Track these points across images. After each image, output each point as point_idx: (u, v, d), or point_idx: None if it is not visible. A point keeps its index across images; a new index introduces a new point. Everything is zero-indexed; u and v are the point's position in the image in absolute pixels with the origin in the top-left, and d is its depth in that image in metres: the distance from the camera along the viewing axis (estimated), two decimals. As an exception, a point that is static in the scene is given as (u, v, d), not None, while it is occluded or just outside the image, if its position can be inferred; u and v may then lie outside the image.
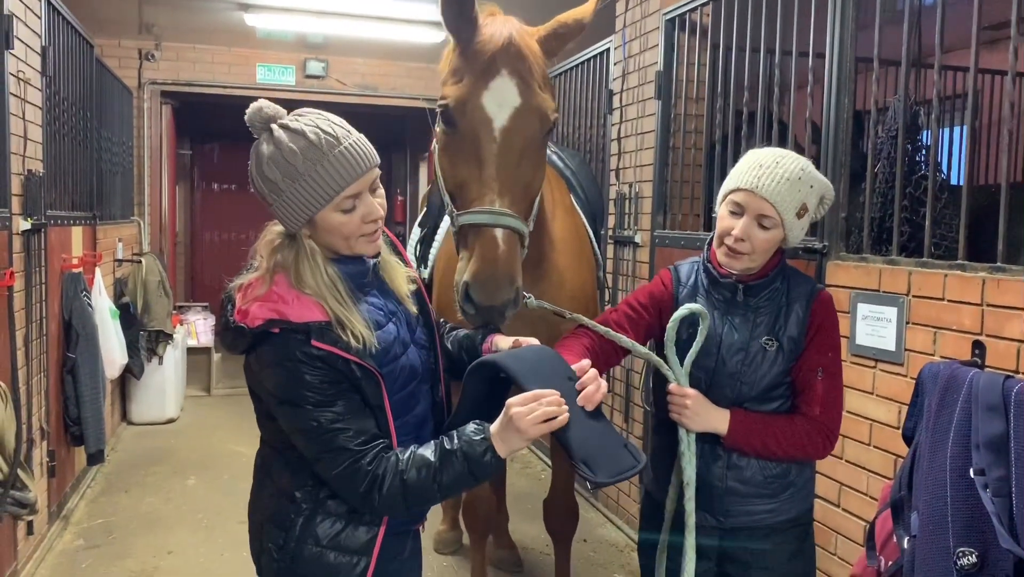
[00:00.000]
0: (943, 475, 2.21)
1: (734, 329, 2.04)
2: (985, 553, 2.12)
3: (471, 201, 2.09)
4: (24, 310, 3.92)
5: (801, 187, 1.94)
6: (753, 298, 2.05)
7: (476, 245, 2.03)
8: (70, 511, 4.72)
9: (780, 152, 2.02)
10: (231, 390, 7.74)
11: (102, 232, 5.72)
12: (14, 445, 3.18)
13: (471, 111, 2.10)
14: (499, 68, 2.10)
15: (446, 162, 2.20)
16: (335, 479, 1.65)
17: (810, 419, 2.03)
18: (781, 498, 2.10)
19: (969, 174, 2.70)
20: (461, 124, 2.12)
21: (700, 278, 2.14)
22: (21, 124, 3.90)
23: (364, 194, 1.66)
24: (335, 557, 1.71)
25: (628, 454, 1.70)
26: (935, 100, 2.77)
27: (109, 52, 7.21)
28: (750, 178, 1.95)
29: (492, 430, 1.62)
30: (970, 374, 2.22)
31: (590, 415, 1.70)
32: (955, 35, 2.91)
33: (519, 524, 4.55)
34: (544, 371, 1.70)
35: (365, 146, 1.65)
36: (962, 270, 2.51)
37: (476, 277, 1.99)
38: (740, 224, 1.96)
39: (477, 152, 2.10)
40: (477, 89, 2.10)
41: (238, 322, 1.62)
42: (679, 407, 2.00)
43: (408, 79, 8.30)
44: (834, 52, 3.08)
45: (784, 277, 2.08)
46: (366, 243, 1.70)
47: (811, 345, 2.03)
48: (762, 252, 1.99)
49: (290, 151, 1.59)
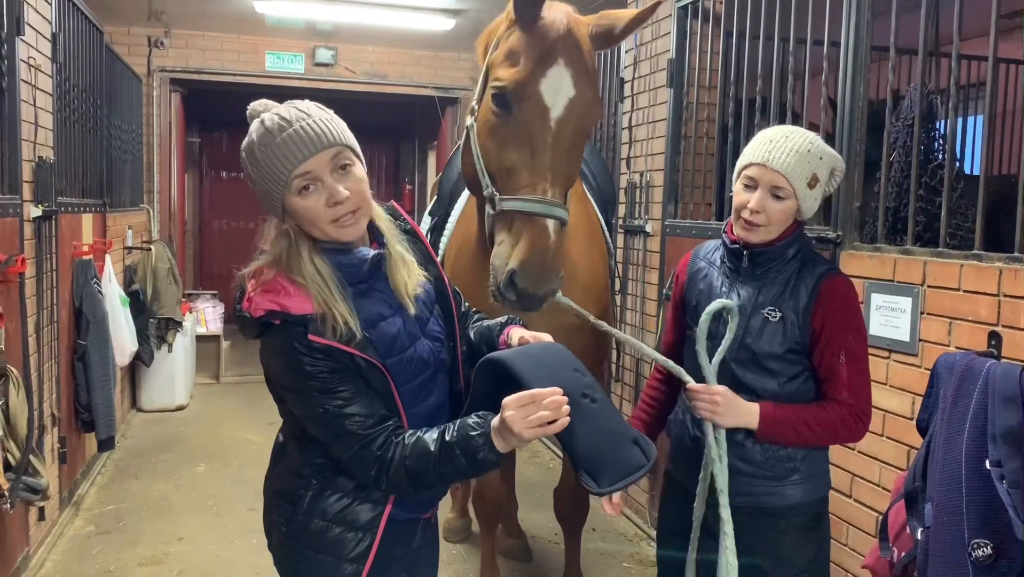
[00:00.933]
0: (958, 466, 2.20)
1: (739, 297, 2.09)
2: (1000, 545, 2.11)
3: (520, 187, 2.09)
4: (35, 297, 3.93)
5: (810, 159, 2.01)
6: (760, 268, 2.08)
7: (525, 232, 2.04)
8: (81, 497, 4.74)
9: (789, 128, 2.10)
10: (240, 378, 7.76)
11: (112, 219, 5.73)
12: (26, 431, 3.19)
13: (529, 97, 2.10)
14: (557, 56, 2.11)
15: (493, 144, 2.18)
16: (347, 462, 1.67)
17: (840, 404, 2.04)
18: (785, 482, 2.09)
19: (986, 163, 2.67)
20: (517, 109, 2.11)
21: (718, 252, 2.20)
22: (32, 111, 3.90)
23: (323, 175, 1.61)
24: (340, 532, 1.72)
25: (638, 451, 1.64)
26: (952, 89, 2.74)
27: (118, 39, 7.21)
28: (762, 152, 2.03)
29: (493, 425, 1.59)
30: (986, 365, 2.21)
31: (596, 410, 1.63)
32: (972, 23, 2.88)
33: (528, 513, 4.56)
34: (549, 367, 1.64)
35: (320, 126, 1.60)
36: (978, 260, 2.49)
37: (525, 265, 2.01)
38: (755, 197, 2.03)
39: (531, 139, 2.10)
40: (535, 76, 2.09)
41: (244, 310, 1.64)
42: (710, 404, 2.00)
43: (417, 67, 8.28)
44: (849, 40, 3.05)
45: (799, 254, 2.10)
46: (339, 229, 1.64)
47: (825, 329, 2.03)
48: (778, 223, 2.04)
49: (251, 141, 1.62)
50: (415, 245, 1.87)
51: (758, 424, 2.02)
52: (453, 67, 8.34)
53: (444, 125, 8.68)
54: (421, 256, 1.87)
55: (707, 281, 2.17)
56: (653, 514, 4.51)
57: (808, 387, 2.11)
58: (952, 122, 2.80)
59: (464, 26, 7.04)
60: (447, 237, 3.36)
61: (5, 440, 3.05)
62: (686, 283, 2.23)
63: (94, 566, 3.95)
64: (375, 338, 1.67)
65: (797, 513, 2.12)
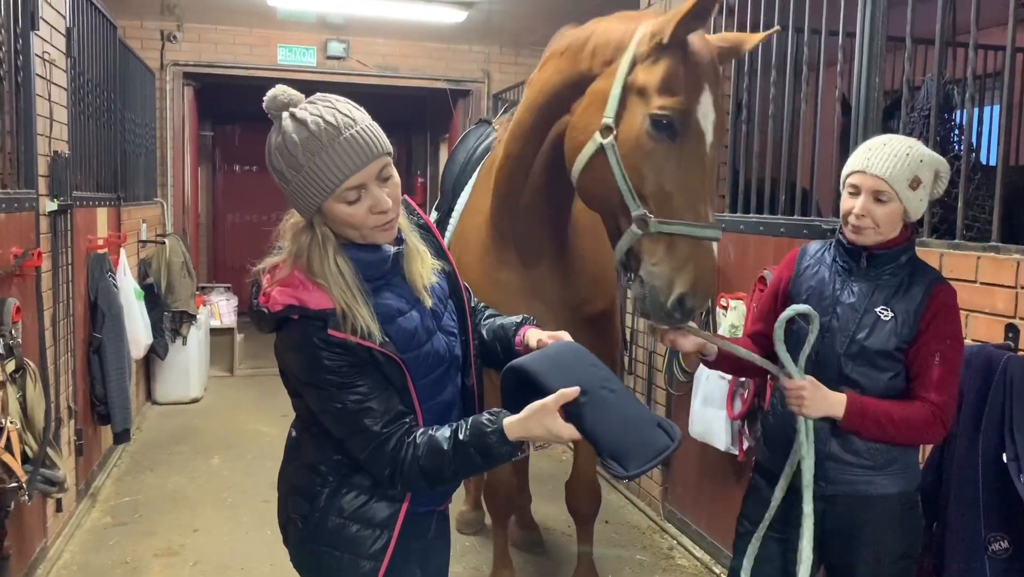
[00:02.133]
0: (975, 460, 2.19)
1: (852, 293, 2.17)
2: (1017, 538, 2.10)
3: (680, 211, 2.15)
4: (51, 290, 3.96)
5: (910, 162, 2.08)
6: (876, 269, 2.16)
7: (693, 257, 2.12)
8: (97, 489, 4.78)
9: (889, 136, 2.19)
10: (254, 370, 7.80)
11: (126, 213, 5.76)
12: (43, 424, 3.22)
13: (691, 125, 2.17)
14: (706, 83, 2.18)
15: (649, 168, 2.20)
16: (364, 460, 1.67)
17: (926, 403, 2.07)
18: (886, 472, 2.14)
19: (1003, 154, 2.65)
20: (681, 137, 2.17)
21: (828, 252, 2.28)
22: (47, 105, 3.92)
23: (369, 185, 1.61)
24: (357, 530, 1.72)
25: (661, 432, 1.65)
26: (969, 79, 2.71)
27: (132, 33, 7.23)
28: (861, 161, 2.12)
29: (506, 422, 1.60)
30: (1004, 358, 2.20)
31: (616, 400, 1.65)
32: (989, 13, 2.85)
33: (541, 505, 4.56)
34: (567, 365, 1.67)
35: (370, 135, 1.61)
36: (996, 252, 2.47)
37: (695, 288, 2.10)
38: (859, 202, 2.11)
39: (693, 164, 2.17)
40: (693, 102, 2.16)
41: (261, 305, 1.64)
42: (796, 398, 2.09)
43: (429, 60, 8.27)
44: (865, 30, 3.03)
45: (911, 260, 2.18)
46: (378, 233, 1.67)
47: (929, 331, 2.09)
48: (886, 224, 2.11)
49: (292, 142, 1.58)
50: (428, 240, 1.87)
51: (843, 414, 2.08)
52: (465, 59, 8.33)
53: (455, 118, 8.67)
54: (434, 250, 1.87)
55: (818, 278, 2.25)
56: (666, 506, 4.51)
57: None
58: (969, 112, 2.77)
59: (476, 18, 7.02)
60: (451, 231, 3.36)
61: (23, 433, 3.07)
62: (792, 279, 2.31)
63: (111, 557, 3.99)
64: (393, 333, 1.67)
65: (894, 503, 2.16)
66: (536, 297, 2.96)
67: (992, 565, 2.13)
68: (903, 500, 2.17)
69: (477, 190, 3.23)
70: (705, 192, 2.18)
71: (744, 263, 3.70)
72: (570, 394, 1.58)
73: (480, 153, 3.48)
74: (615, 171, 2.24)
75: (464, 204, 3.33)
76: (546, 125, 2.61)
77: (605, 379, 1.67)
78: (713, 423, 3.69)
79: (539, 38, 7.77)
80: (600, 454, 1.62)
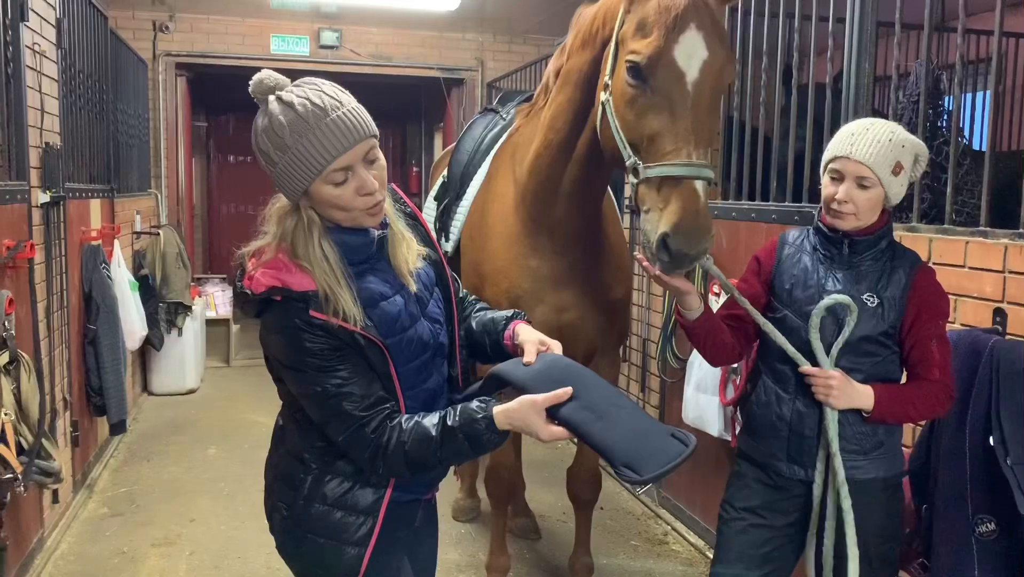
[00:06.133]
0: (963, 443, 2.20)
1: (837, 281, 2.17)
2: (1004, 521, 2.12)
3: (664, 154, 2.13)
4: (45, 283, 3.96)
5: (892, 148, 2.08)
6: (857, 256, 2.17)
7: (675, 196, 2.08)
8: (94, 480, 4.80)
9: (870, 120, 2.19)
10: (250, 361, 7.80)
11: (120, 205, 5.75)
12: (38, 415, 3.23)
13: (664, 66, 2.14)
14: (688, 22, 2.14)
15: (631, 115, 2.22)
16: (342, 443, 1.68)
17: (933, 382, 2.12)
18: (871, 456, 2.17)
19: (992, 140, 2.65)
20: (654, 79, 2.15)
21: (807, 239, 2.28)
22: (38, 97, 3.92)
23: (356, 166, 1.62)
24: (341, 516, 1.73)
25: (675, 441, 1.63)
26: (958, 64, 2.72)
27: (123, 24, 7.19)
28: (844, 146, 2.12)
29: (495, 410, 1.62)
30: (991, 341, 2.21)
31: (626, 415, 1.65)
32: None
33: (536, 492, 4.58)
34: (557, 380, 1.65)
35: (356, 117, 1.61)
36: (984, 237, 2.48)
37: (678, 227, 2.05)
38: (842, 188, 2.12)
39: (671, 106, 2.14)
40: (669, 44, 2.13)
41: (246, 288, 1.66)
42: (825, 388, 2.10)
43: (422, 48, 8.24)
44: (855, 16, 3.03)
45: (890, 244, 2.19)
46: (365, 216, 1.68)
47: (921, 316, 2.12)
48: (866, 211, 2.12)
49: (279, 124, 1.59)
50: (415, 228, 1.88)
51: (873, 406, 2.10)
52: (458, 48, 8.30)
53: (450, 106, 8.65)
54: (421, 239, 1.88)
55: (800, 267, 2.25)
56: (661, 492, 4.53)
57: (891, 368, 2.18)
58: (958, 98, 2.78)
59: (468, 6, 7.00)
60: (462, 218, 3.36)
61: (18, 424, 3.08)
62: (775, 268, 2.30)
63: (108, 547, 4.00)
64: (376, 318, 1.68)
65: (880, 486, 2.19)
66: (565, 284, 2.97)
67: (979, 547, 2.14)
68: (888, 484, 2.20)
69: (498, 177, 3.22)
70: (691, 132, 2.12)
71: (736, 250, 3.71)
72: (562, 395, 1.60)
73: (490, 141, 3.48)
74: (612, 125, 2.29)
75: (477, 191, 3.33)
76: (585, 111, 2.62)
77: (613, 396, 1.69)
78: (706, 409, 3.71)
79: (532, 26, 7.76)
80: (613, 464, 1.61)
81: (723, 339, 2.28)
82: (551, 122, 2.77)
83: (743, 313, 2.24)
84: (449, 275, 1.94)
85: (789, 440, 2.21)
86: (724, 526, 2.36)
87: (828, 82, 3.26)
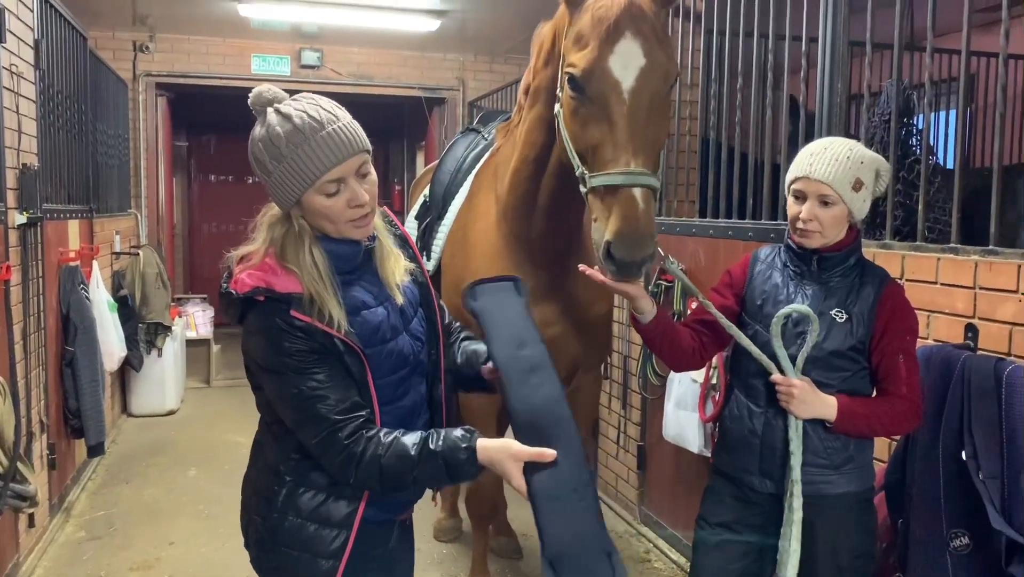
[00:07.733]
0: (936, 458, 2.23)
1: (806, 297, 2.20)
2: (978, 535, 2.14)
3: (605, 163, 2.14)
4: (21, 304, 3.93)
5: (851, 165, 2.12)
6: (827, 272, 2.20)
7: (615, 205, 2.09)
8: (71, 503, 4.74)
9: (829, 139, 2.25)
10: (231, 381, 7.75)
11: (99, 225, 5.72)
12: (13, 438, 3.20)
13: (599, 76, 2.16)
14: (623, 31, 2.15)
15: (576, 126, 2.25)
16: (314, 447, 1.68)
17: (901, 398, 2.13)
18: (841, 470, 2.17)
19: (961, 157, 2.70)
20: (590, 89, 2.17)
21: (779, 256, 2.32)
22: (15, 118, 3.90)
23: (348, 179, 1.67)
24: (315, 529, 1.74)
25: (607, 566, 1.53)
26: (927, 83, 2.76)
27: (103, 44, 7.19)
28: (804, 166, 2.16)
29: (479, 444, 1.62)
30: (962, 357, 2.24)
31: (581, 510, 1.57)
32: (948, 18, 2.91)
33: (518, 511, 4.55)
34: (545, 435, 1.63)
35: (351, 131, 1.66)
36: (955, 253, 2.51)
37: (618, 235, 2.06)
38: (805, 207, 2.16)
39: (608, 115, 2.16)
40: (603, 54, 2.15)
41: (230, 288, 1.67)
42: (787, 396, 2.12)
43: (404, 68, 8.28)
44: (827, 36, 3.08)
45: (859, 260, 2.23)
46: (353, 228, 1.71)
47: (888, 331, 2.14)
48: (831, 228, 2.16)
49: (276, 134, 1.63)
50: (404, 250, 1.91)
51: (835, 416, 2.11)
52: (439, 67, 8.35)
53: (431, 125, 8.68)
54: (409, 259, 1.91)
55: (771, 283, 2.28)
56: (642, 510, 4.53)
57: (861, 383, 2.19)
58: (928, 117, 2.82)
59: (449, 27, 7.04)
60: (444, 237, 3.37)
61: (-8, 448, 3.05)
62: (747, 283, 2.33)
63: (85, 571, 3.95)
64: (357, 326, 1.70)
65: (852, 501, 2.20)
66: (548, 300, 2.97)
67: (954, 561, 2.16)
68: (859, 499, 2.21)
69: (480, 195, 3.24)
70: (629, 141, 2.13)
71: (715, 267, 3.74)
72: (546, 456, 1.59)
73: (471, 160, 3.51)
74: (563, 137, 2.33)
75: (459, 209, 3.34)
76: (552, 126, 2.62)
77: (582, 483, 1.60)
78: (686, 426, 3.72)
79: (513, 46, 7.81)
80: (542, 552, 1.55)
81: (681, 343, 2.30)
82: (526, 137, 2.81)
83: (713, 319, 2.26)
84: (435, 299, 1.96)
85: (762, 453, 2.22)
86: (699, 542, 2.37)
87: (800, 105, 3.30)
